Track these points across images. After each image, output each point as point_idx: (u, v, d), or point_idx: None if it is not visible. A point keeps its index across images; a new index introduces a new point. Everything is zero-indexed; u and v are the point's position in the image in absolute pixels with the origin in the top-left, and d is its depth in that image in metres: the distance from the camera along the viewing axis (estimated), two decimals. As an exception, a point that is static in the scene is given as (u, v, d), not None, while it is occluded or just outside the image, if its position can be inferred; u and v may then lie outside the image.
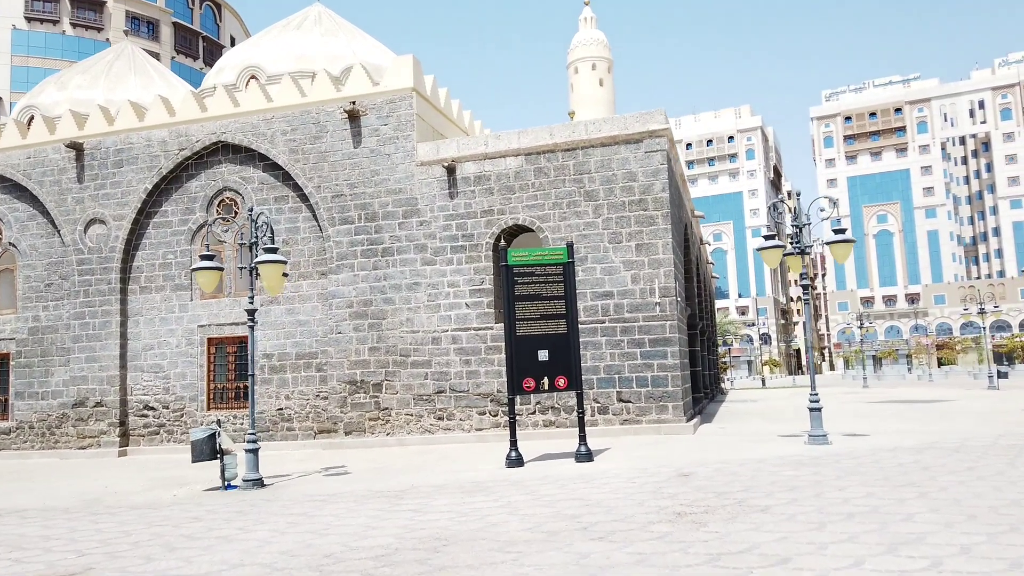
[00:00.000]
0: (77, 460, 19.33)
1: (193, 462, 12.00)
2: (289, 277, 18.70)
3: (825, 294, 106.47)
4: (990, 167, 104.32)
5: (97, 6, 63.15)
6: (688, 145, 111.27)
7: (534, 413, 16.78)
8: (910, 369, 76.61)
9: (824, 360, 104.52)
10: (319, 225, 18.74)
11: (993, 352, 45.63)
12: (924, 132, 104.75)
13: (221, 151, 19.85)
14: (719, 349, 48.17)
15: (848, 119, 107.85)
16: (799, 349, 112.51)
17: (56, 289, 20.92)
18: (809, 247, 13.83)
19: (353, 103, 18.35)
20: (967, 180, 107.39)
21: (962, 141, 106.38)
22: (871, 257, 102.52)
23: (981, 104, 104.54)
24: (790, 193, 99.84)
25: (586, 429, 12.80)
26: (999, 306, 50.60)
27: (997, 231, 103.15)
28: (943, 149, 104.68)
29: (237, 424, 18.73)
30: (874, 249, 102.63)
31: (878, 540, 6.18)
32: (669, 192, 16.67)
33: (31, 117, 23.75)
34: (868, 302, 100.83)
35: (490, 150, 17.63)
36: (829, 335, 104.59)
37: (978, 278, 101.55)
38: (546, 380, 12.59)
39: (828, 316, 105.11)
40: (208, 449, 11.81)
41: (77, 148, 20.61)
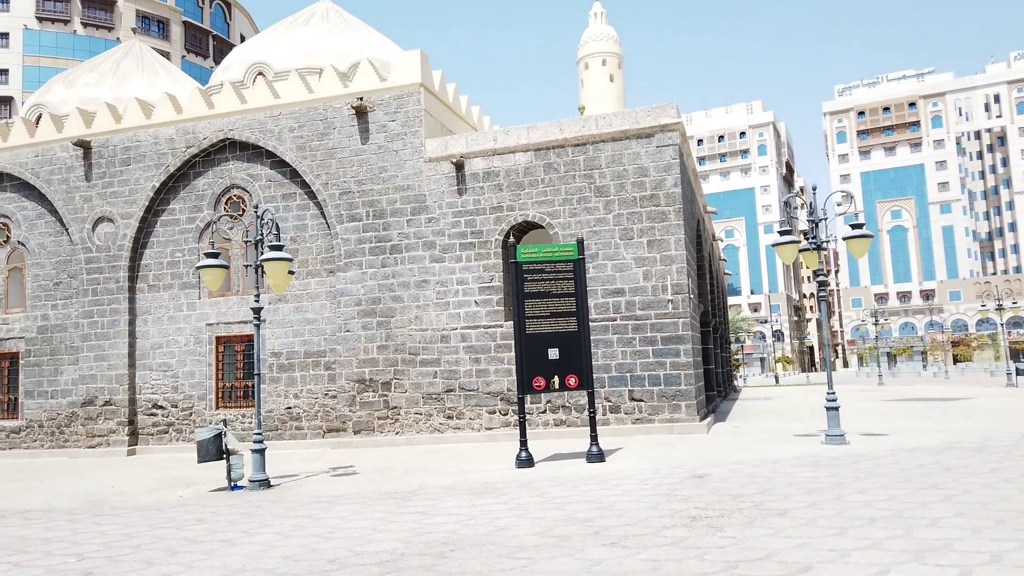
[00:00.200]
0: (86, 459, 19.27)
1: (199, 462, 11.86)
2: (297, 275, 18.57)
3: (838, 291, 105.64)
4: (1006, 162, 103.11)
5: (108, 6, 63.36)
6: (699, 141, 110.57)
7: (544, 412, 16.56)
8: (925, 366, 75.93)
9: (837, 357, 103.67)
10: (327, 222, 18.57)
11: (1010, 349, 45.05)
12: (939, 127, 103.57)
13: (228, 148, 19.72)
14: (732, 346, 47.77)
15: (861, 114, 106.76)
16: (812, 346, 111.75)
17: (65, 288, 20.87)
18: (825, 242, 13.53)
19: (361, 99, 18.16)
20: (982, 175, 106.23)
21: (977, 136, 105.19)
22: (885, 253, 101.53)
23: (996, 98, 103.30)
24: (802, 189, 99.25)
25: (597, 429, 12.57)
26: (1016, 302, 49.97)
27: (1013, 226, 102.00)
28: (958, 144, 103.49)
29: (246, 423, 18.61)
30: (888, 245, 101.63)
31: (903, 547, 5.92)
32: (681, 187, 16.39)
33: (39, 115, 23.71)
34: (882, 299, 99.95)
35: (499, 146, 17.40)
36: (842, 332, 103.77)
37: (994, 274, 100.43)
38: (556, 379, 12.36)
39: (841, 313, 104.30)
40: (214, 449, 11.67)
41: (85, 146, 20.54)
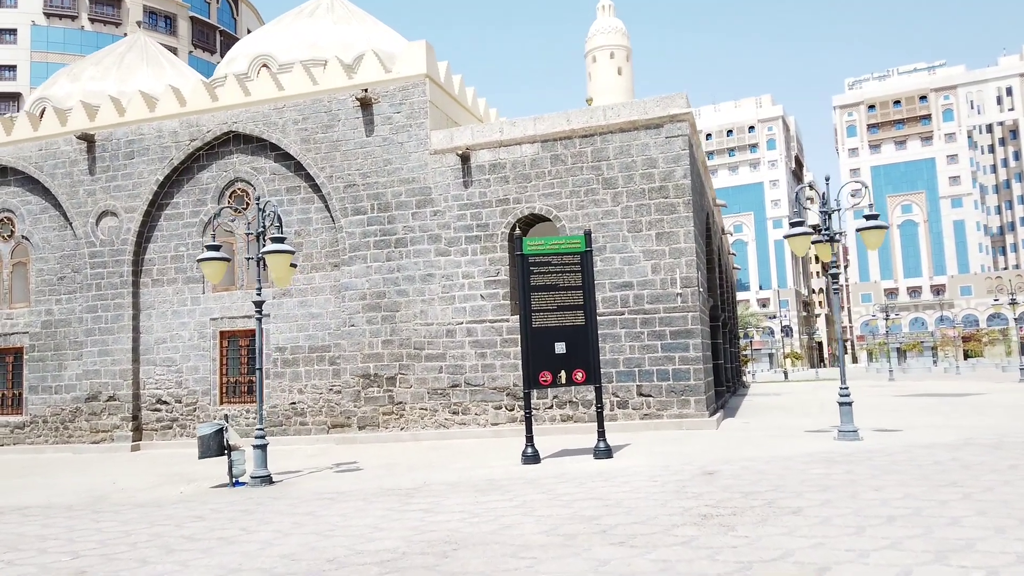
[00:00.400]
0: (90, 454, 19.17)
1: (200, 458, 11.71)
2: (302, 269, 18.38)
3: (848, 286, 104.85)
4: (1018, 155, 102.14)
5: (115, 1, 63.34)
6: (708, 135, 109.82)
7: (551, 407, 16.34)
8: (935, 361, 75.20)
9: (847, 352, 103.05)
10: (331, 216, 18.38)
11: (1021, 344, 44.52)
12: (950, 120, 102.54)
13: (232, 141, 19.53)
14: (740, 342, 47.43)
15: (872, 107, 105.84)
16: (821, 342, 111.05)
17: (69, 282, 20.76)
18: (839, 234, 13.24)
19: (365, 91, 17.93)
20: (994, 169, 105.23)
21: (989, 129, 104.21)
22: (895, 247, 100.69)
23: (1009, 91, 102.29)
24: (811, 185, 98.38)
25: (605, 424, 12.34)
26: (1029, 297, 49.46)
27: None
28: (969, 137, 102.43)
29: (250, 418, 18.46)
30: (898, 239, 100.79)
31: (924, 547, 5.68)
32: (691, 179, 16.11)
33: (43, 109, 23.60)
34: (892, 293, 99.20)
35: (505, 137, 17.15)
36: (852, 327, 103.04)
37: (1005, 269, 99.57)
38: (563, 374, 12.14)
39: (851, 308, 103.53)
40: (215, 445, 11.51)
41: (88, 140, 20.40)
